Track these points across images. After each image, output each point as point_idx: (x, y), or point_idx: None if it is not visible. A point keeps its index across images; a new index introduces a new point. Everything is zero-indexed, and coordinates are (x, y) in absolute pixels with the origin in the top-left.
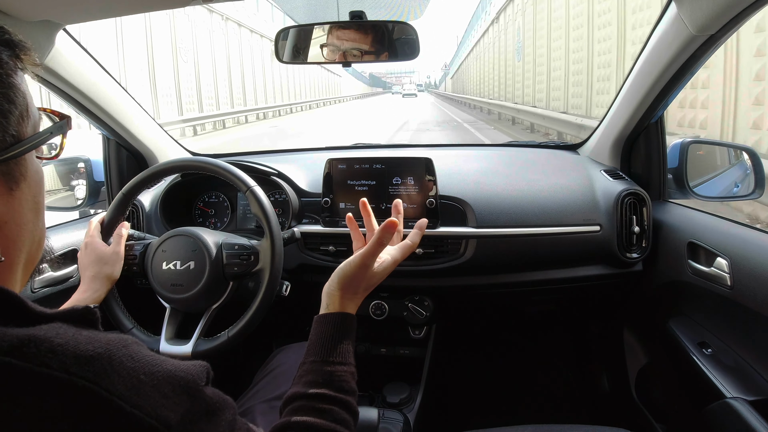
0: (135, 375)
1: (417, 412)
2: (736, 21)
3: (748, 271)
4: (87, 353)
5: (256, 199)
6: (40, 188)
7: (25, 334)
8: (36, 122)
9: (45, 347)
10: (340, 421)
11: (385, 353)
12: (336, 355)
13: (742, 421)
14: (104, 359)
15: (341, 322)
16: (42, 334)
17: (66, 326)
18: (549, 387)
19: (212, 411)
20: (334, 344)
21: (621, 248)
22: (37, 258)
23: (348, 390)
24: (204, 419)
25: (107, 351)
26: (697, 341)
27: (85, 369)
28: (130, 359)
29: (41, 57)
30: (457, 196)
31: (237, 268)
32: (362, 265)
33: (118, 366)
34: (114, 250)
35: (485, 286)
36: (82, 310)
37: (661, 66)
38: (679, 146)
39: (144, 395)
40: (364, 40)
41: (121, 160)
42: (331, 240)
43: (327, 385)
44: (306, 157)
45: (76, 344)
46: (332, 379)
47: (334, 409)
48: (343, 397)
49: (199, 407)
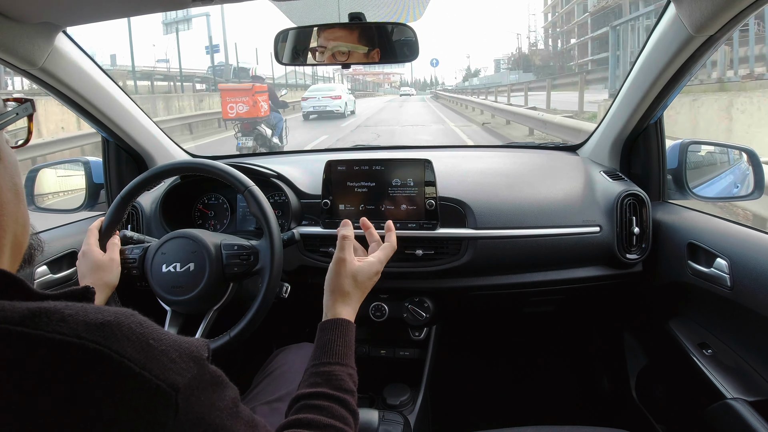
0: (144, 339)
1: (417, 414)
2: (735, 22)
3: (748, 272)
4: (97, 320)
5: (254, 198)
6: (16, 170)
7: (35, 306)
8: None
9: (56, 317)
10: (338, 418)
11: (385, 355)
12: (332, 357)
13: (742, 421)
14: (114, 325)
15: (336, 327)
16: (51, 306)
17: (71, 302)
18: (549, 388)
19: (217, 383)
20: (331, 347)
21: (621, 249)
22: (23, 242)
23: (345, 389)
24: (210, 389)
25: (116, 318)
26: (697, 342)
27: (96, 333)
28: (138, 326)
29: (40, 59)
30: (456, 198)
31: (237, 269)
32: (337, 272)
33: (128, 331)
34: (110, 257)
35: (485, 288)
36: (81, 290)
37: (660, 67)
38: (678, 147)
39: (153, 358)
40: (363, 41)
41: (121, 162)
42: (331, 241)
43: (324, 384)
44: (305, 158)
45: (85, 313)
46: (329, 378)
47: (332, 406)
48: (339, 395)
49: (205, 376)
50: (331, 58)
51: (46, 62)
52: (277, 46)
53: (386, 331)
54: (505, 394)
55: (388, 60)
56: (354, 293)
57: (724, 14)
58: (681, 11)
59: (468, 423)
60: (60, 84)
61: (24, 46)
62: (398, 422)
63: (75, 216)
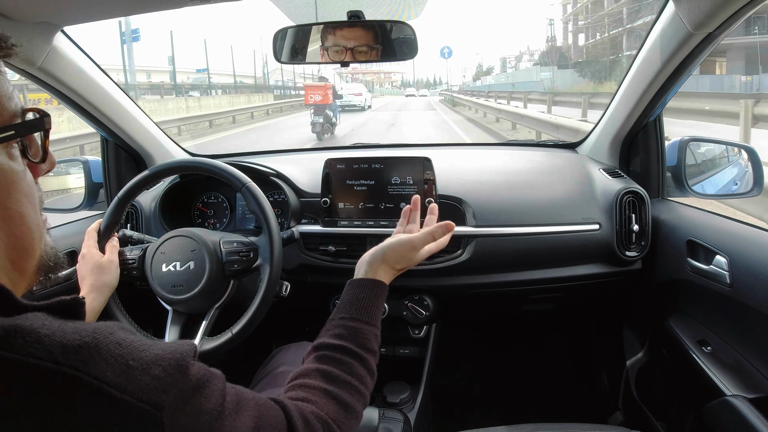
0: (123, 361)
1: (417, 412)
2: (734, 19)
3: (747, 269)
4: (74, 342)
5: (252, 195)
6: (9, 191)
7: (10, 324)
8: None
9: (31, 338)
10: (356, 375)
11: (385, 353)
12: (363, 315)
13: (741, 418)
14: (92, 347)
15: (374, 288)
16: (28, 324)
17: (51, 317)
18: (549, 386)
19: (202, 384)
20: (364, 305)
21: (620, 247)
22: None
23: (369, 348)
24: (196, 394)
25: (94, 339)
26: (696, 339)
27: (73, 358)
28: (117, 346)
29: (39, 58)
30: (455, 196)
31: (237, 265)
32: (411, 247)
33: (106, 353)
34: (109, 258)
35: (484, 285)
36: (70, 300)
37: (659, 64)
38: (677, 144)
39: (133, 380)
40: (362, 39)
41: (120, 161)
42: (330, 240)
43: (351, 339)
44: (305, 157)
45: (62, 334)
46: (356, 335)
47: (353, 363)
48: (362, 354)
49: (189, 383)
50: (330, 56)
51: (44, 62)
52: (275, 44)
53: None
54: (505, 392)
55: (387, 58)
56: (399, 271)
57: (723, 11)
58: (680, 9)
59: (468, 420)
60: (59, 83)
61: (23, 46)
62: (398, 420)
63: (74, 215)
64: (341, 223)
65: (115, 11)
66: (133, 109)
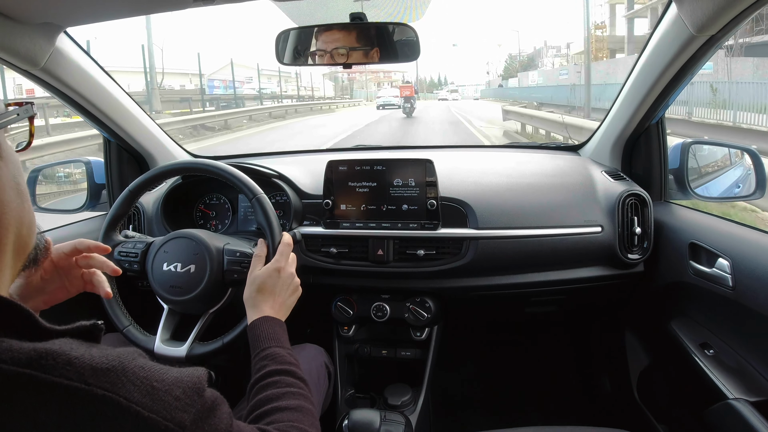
0: (148, 383)
1: (419, 414)
2: (737, 21)
3: (750, 272)
4: (102, 365)
5: (262, 208)
6: (18, 169)
7: (41, 347)
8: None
9: (62, 360)
10: (291, 384)
11: (387, 355)
12: (268, 342)
13: (744, 422)
14: (119, 370)
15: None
16: (57, 347)
17: (75, 342)
18: (551, 388)
19: (215, 406)
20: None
21: (622, 249)
22: (29, 244)
23: (289, 362)
24: (211, 415)
25: (120, 363)
26: (698, 342)
27: (103, 379)
28: (141, 369)
29: (42, 59)
30: (458, 198)
31: (237, 275)
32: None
33: (132, 376)
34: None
35: (486, 288)
36: (89, 326)
37: (662, 67)
38: (680, 147)
39: (158, 400)
40: (365, 41)
41: (122, 162)
42: (332, 241)
43: (270, 363)
44: (307, 158)
45: (91, 357)
46: (273, 357)
47: (281, 378)
48: (285, 368)
49: (206, 405)
50: (332, 58)
51: (47, 63)
52: (278, 46)
53: (388, 332)
54: (507, 394)
55: (389, 60)
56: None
57: (726, 14)
58: (682, 11)
59: (469, 423)
60: (62, 84)
61: (26, 47)
62: (400, 422)
63: (76, 216)
64: (343, 224)
65: (119, 12)
66: (136, 111)
